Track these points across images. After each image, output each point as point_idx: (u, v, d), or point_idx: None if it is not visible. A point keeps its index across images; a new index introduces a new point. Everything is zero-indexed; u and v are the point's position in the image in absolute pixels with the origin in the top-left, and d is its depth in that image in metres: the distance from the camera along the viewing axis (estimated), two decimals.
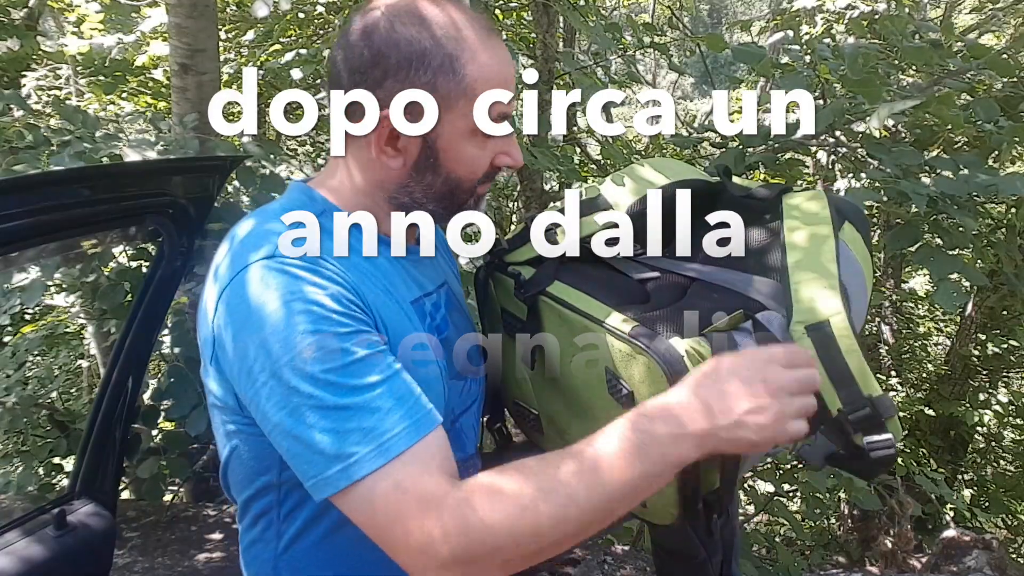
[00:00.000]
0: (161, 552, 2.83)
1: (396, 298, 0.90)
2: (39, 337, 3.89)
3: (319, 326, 0.76)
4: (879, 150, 2.05)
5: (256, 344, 0.77)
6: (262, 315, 0.77)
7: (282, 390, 0.76)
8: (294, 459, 0.78)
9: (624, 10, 8.24)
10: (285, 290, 0.77)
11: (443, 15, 0.85)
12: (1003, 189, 1.76)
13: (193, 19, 2.32)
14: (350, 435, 0.74)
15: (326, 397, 0.75)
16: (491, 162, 0.90)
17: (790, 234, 0.97)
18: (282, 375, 0.75)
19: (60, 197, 1.19)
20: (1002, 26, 5.08)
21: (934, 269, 1.79)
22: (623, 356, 0.84)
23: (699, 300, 0.92)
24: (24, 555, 1.35)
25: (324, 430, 0.75)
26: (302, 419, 0.75)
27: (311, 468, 0.76)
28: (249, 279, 0.79)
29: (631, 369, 0.84)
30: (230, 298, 0.80)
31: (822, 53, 2.21)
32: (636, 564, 2.95)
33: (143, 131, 3.48)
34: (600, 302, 0.91)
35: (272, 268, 0.79)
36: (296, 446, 0.76)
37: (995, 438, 5.74)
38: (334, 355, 0.75)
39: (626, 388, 0.84)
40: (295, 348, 0.75)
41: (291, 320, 0.76)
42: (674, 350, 0.81)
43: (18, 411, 3.14)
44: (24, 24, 4.04)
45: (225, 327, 0.80)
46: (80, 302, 3.20)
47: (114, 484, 1.58)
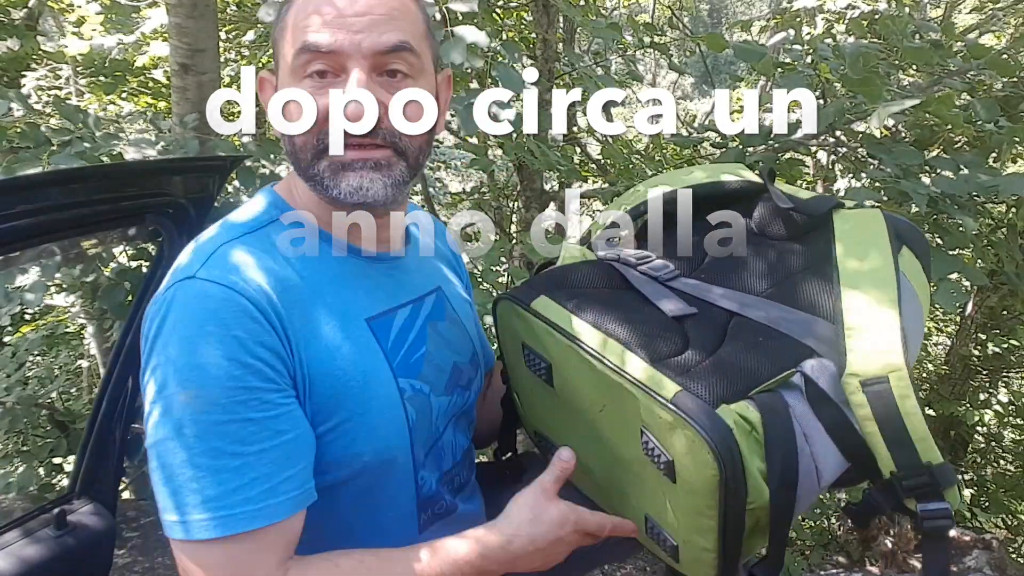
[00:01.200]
0: (161, 552, 2.83)
1: (345, 318, 0.83)
2: (39, 337, 3.89)
3: (207, 372, 0.71)
4: (879, 150, 2.05)
5: (154, 363, 0.74)
6: (162, 340, 0.74)
7: (157, 419, 0.73)
8: (153, 483, 0.75)
9: (624, 10, 8.24)
10: (189, 320, 0.73)
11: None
12: (1003, 189, 1.76)
13: (193, 19, 2.31)
14: (192, 495, 0.71)
15: (185, 447, 0.71)
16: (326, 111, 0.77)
17: (843, 262, 0.86)
18: (158, 404, 0.73)
19: (60, 197, 1.19)
20: (1002, 26, 5.07)
21: (934, 269, 1.79)
22: (665, 424, 0.75)
23: (742, 347, 0.82)
24: (24, 555, 1.35)
25: (172, 478, 0.72)
26: (161, 455, 0.73)
27: (159, 499, 0.74)
28: (165, 299, 0.76)
29: (673, 439, 0.75)
30: (149, 313, 0.77)
31: (823, 53, 2.21)
32: (636, 564, 2.95)
33: (143, 131, 3.48)
34: (635, 353, 0.79)
35: (186, 291, 0.75)
36: (152, 476, 0.74)
37: (995, 438, 5.73)
38: (208, 409, 0.71)
39: (667, 456, 0.76)
40: (178, 386, 0.71)
41: (185, 356, 0.72)
42: (721, 423, 0.72)
43: (18, 411, 3.14)
44: (24, 24, 4.04)
45: (147, 330, 0.77)
46: (80, 302, 3.20)
47: (114, 484, 1.58)
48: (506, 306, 0.93)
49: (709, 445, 0.71)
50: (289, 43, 0.79)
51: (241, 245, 0.80)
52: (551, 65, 3.63)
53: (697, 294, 0.92)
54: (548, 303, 0.88)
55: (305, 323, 0.79)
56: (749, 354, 0.81)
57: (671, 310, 0.88)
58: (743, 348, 0.82)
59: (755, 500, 0.73)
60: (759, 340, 0.83)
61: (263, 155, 2.38)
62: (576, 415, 0.89)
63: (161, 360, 0.73)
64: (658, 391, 0.76)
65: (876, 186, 2.02)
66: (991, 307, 4.84)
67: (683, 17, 8.37)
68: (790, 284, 0.90)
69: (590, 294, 0.91)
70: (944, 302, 1.75)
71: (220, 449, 0.71)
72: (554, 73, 3.69)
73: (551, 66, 3.63)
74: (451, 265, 1.13)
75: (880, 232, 0.88)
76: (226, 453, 0.72)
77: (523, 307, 0.89)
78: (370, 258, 0.90)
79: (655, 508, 0.84)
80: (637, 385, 0.77)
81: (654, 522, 0.86)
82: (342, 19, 0.77)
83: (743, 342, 0.83)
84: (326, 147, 0.79)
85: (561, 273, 0.94)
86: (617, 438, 0.85)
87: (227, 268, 0.77)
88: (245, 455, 0.72)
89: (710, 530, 0.77)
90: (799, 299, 0.87)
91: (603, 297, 0.90)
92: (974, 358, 5.17)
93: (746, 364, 0.79)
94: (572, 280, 0.93)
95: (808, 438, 0.75)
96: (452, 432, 1.00)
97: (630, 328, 0.83)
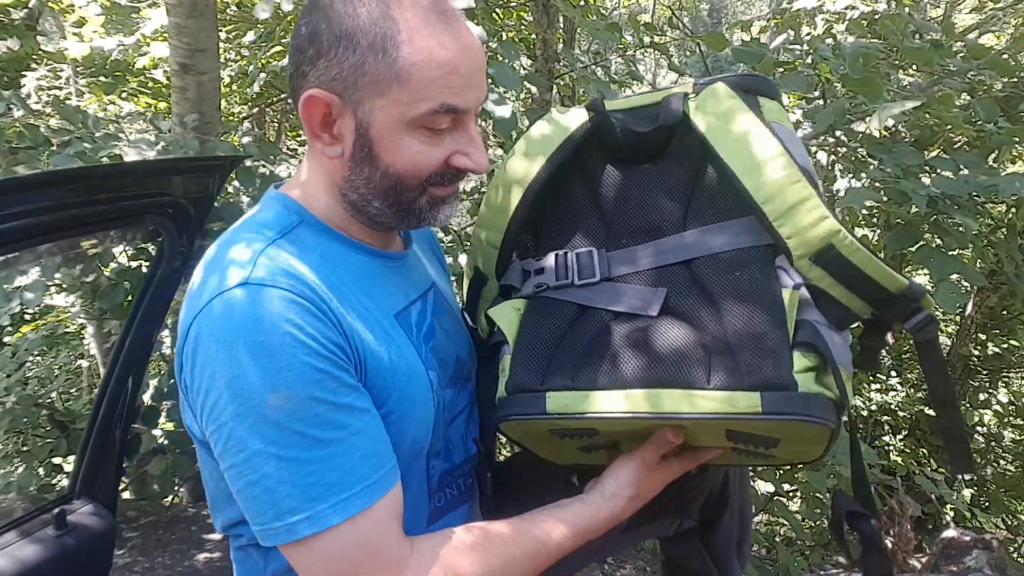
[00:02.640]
0: (161, 552, 2.83)
1: (379, 314, 0.86)
2: (39, 337, 3.89)
3: (290, 371, 0.72)
4: (879, 150, 2.05)
5: (222, 382, 0.72)
6: (230, 352, 0.72)
7: (242, 434, 0.72)
8: (245, 502, 0.75)
9: (624, 10, 8.24)
10: (255, 325, 0.72)
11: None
12: (1003, 189, 1.76)
13: (193, 19, 2.31)
14: (309, 489, 0.72)
15: (289, 448, 0.72)
16: (446, 161, 0.82)
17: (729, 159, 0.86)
18: (244, 418, 0.72)
19: (60, 197, 1.19)
20: (1002, 26, 5.07)
21: (934, 269, 1.79)
22: (762, 427, 0.81)
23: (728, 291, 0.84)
24: (24, 555, 1.35)
25: (282, 481, 0.72)
26: (260, 466, 0.72)
27: (262, 516, 0.73)
28: (220, 310, 0.74)
29: (777, 428, 0.80)
30: (200, 328, 0.75)
31: (823, 53, 2.21)
32: (636, 564, 2.95)
33: (143, 131, 3.48)
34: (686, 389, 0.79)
35: (244, 296, 0.74)
36: (251, 490, 0.73)
37: (995, 438, 5.73)
38: (303, 404, 0.72)
39: (770, 440, 0.83)
40: (262, 393, 0.71)
41: (259, 362, 0.71)
42: (812, 400, 0.76)
43: (18, 411, 3.14)
44: (24, 24, 4.04)
45: (193, 356, 0.75)
46: (80, 302, 3.20)
47: (114, 484, 1.58)
48: (516, 425, 0.90)
49: (817, 424, 0.75)
50: (416, 94, 0.76)
51: (279, 248, 0.80)
52: (551, 65, 3.63)
53: (642, 267, 0.91)
54: (560, 397, 0.84)
55: (352, 319, 0.81)
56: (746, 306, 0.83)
57: (651, 309, 0.87)
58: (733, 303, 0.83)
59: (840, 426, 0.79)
60: (736, 274, 0.85)
61: (263, 156, 2.38)
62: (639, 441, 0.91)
63: (236, 372, 0.71)
64: (742, 412, 0.76)
65: (876, 186, 2.02)
66: (991, 307, 4.84)
67: (683, 17, 8.38)
68: (699, 199, 0.91)
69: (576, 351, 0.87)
70: (944, 303, 1.75)
71: (326, 438, 0.73)
72: (554, 73, 3.68)
73: (551, 66, 3.63)
74: (435, 253, 1.15)
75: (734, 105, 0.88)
76: (332, 441, 0.73)
77: (541, 417, 0.85)
78: (384, 257, 0.93)
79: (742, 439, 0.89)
80: (714, 417, 0.78)
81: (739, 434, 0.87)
82: (472, 77, 0.79)
83: (724, 289, 0.85)
84: (427, 188, 0.84)
85: (522, 354, 0.89)
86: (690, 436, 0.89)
87: (276, 271, 0.77)
88: (349, 438, 0.74)
89: (817, 451, 0.86)
90: (719, 207, 0.89)
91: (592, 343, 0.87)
92: (974, 358, 5.17)
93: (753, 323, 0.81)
94: (539, 350, 0.89)
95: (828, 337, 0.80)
96: (461, 426, 1.02)
97: (651, 363, 0.82)
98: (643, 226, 0.94)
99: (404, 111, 0.77)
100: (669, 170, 0.94)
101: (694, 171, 0.93)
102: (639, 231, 0.94)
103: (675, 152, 0.94)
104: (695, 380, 0.79)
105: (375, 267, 0.90)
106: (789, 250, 0.82)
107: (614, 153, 0.97)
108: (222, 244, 0.83)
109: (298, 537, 0.73)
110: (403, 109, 0.77)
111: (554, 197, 0.99)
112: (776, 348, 0.78)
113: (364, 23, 0.75)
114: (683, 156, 0.94)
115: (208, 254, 0.83)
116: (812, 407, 0.75)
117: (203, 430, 0.78)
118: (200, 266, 0.82)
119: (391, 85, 0.76)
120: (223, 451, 0.75)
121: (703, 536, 1.21)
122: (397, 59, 0.75)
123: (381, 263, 0.92)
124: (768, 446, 0.84)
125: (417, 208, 0.85)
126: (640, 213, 0.94)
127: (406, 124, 0.78)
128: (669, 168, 0.94)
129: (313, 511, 0.72)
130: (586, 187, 0.99)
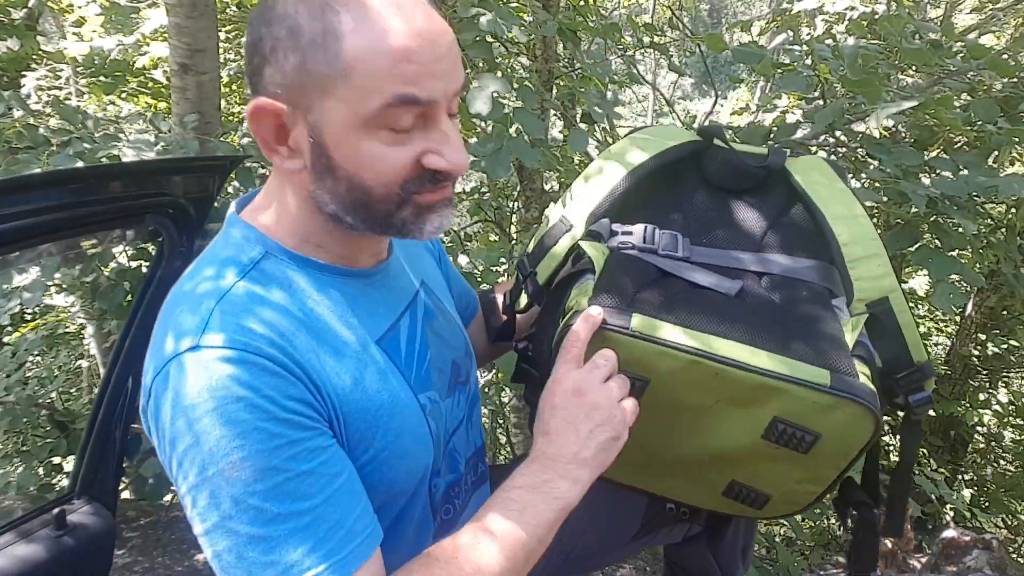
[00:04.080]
0: (161, 552, 2.83)
1: (357, 346, 0.79)
2: (39, 337, 3.89)
3: (246, 439, 0.66)
4: (879, 150, 2.05)
5: (181, 449, 0.68)
6: (185, 421, 0.67)
7: (204, 504, 0.68)
8: (219, 570, 0.70)
9: (624, 10, 8.24)
10: (209, 394, 0.66)
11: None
12: (1003, 190, 1.76)
13: (193, 19, 2.32)
14: (272, 567, 0.67)
15: (249, 523, 0.67)
16: (417, 162, 0.72)
17: (823, 207, 0.98)
18: (203, 489, 0.67)
19: (60, 197, 1.19)
20: (1002, 26, 5.08)
21: (933, 270, 1.79)
22: (819, 407, 0.82)
23: (794, 305, 0.92)
24: (24, 555, 1.35)
25: (243, 557, 0.67)
26: (223, 539, 0.68)
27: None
28: (174, 376, 0.69)
29: (829, 418, 0.83)
30: (157, 392, 0.70)
31: (822, 53, 2.21)
32: (636, 564, 2.95)
33: (143, 131, 3.48)
34: (763, 349, 0.83)
35: (196, 365, 0.68)
36: (217, 563, 0.69)
37: (995, 438, 5.73)
38: (259, 475, 0.66)
39: (811, 435, 0.84)
40: (217, 463, 0.66)
41: (215, 430, 0.66)
42: (873, 393, 0.82)
43: (18, 411, 3.14)
44: (24, 24, 4.04)
45: (156, 419, 0.71)
46: (80, 302, 3.20)
47: (114, 484, 1.58)
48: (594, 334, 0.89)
49: (874, 414, 0.81)
50: (365, 89, 0.68)
51: (239, 292, 0.73)
52: (551, 65, 3.63)
53: (720, 262, 0.98)
54: (645, 320, 0.85)
55: (324, 362, 0.75)
56: (809, 317, 0.89)
57: (727, 289, 0.93)
58: (795, 306, 0.91)
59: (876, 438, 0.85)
60: (804, 295, 0.93)
61: (262, 156, 2.38)
62: (661, 417, 0.90)
63: (191, 441, 0.67)
64: (814, 380, 0.81)
65: (876, 186, 2.02)
66: (991, 307, 4.84)
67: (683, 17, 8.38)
68: (779, 231, 1.01)
69: (660, 295, 0.91)
70: (942, 303, 1.75)
71: (287, 512, 0.67)
72: (554, 73, 3.68)
73: (551, 66, 3.63)
74: (423, 254, 1.08)
75: (829, 171, 1.03)
76: (294, 513, 0.68)
77: (623, 333, 0.85)
78: (364, 276, 0.85)
79: (747, 475, 0.92)
80: (787, 380, 0.82)
81: (741, 485, 0.93)
82: (435, 64, 0.69)
83: (790, 301, 0.92)
84: (409, 196, 0.74)
85: (609, 279, 0.92)
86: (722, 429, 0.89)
87: (232, 327, 0.70)
88: (313, 509, 0.69)
89: (828, 478, 0.90)
90: (795, 243, 1.00)
91: (673, 295, 0.91)
92: (974, 358, 5.17)
93: (819, 325, 0.88)
94: (626, 284, 0.91)
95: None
96: (463, 435, 0.99)
97: (734, 324, 0.86)
98: (722, 238, 1.02)
99: (355, 109, 0.68)
100: (756, 204, 1.05)
101: (779, 209, 1.04)
102: (718, 239, 1.02)
103: (766, 191, 1.06)
104: (770, 347, 0.84)
105: (353, 291, 0.83)
106: (853, 291, 0.92)
107: (708, 177, 1.08)
108: (175, 295, 0.77)
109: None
110: (353, 108, 0.68)
111: (646, 194, 1.05)
112: (842, 347, 0.85)
113: (304, 19, 0.67)
114: (772, 196, 1.05)
115: (168, 299, 0.77)
116: (871, 398, 0.81)
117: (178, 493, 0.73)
118: (160, 315, 0.76)
119: (336, 82, 0.67)
120: (191, 517, 0.71)
121: (710, 541, 1.21)
122: (340, 53, 0.67)
123: (361, 284, 0.84)
124: (801, 448, 0.85)
125: (399, 220, 0.76)
126: (720, 229, 1.03)
127: (362, 125, 0.69)
128: (756, 202, 1.05)
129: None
130: (672, 199, 1.07)
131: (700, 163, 1.08)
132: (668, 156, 1.05)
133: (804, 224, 1.01)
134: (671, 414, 0.90)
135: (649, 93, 13.45)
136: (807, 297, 0.93)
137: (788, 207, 1.03)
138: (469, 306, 1.20)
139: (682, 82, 20.69)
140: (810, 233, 0.99)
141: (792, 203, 1.03)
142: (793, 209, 1.03)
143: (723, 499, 0.97)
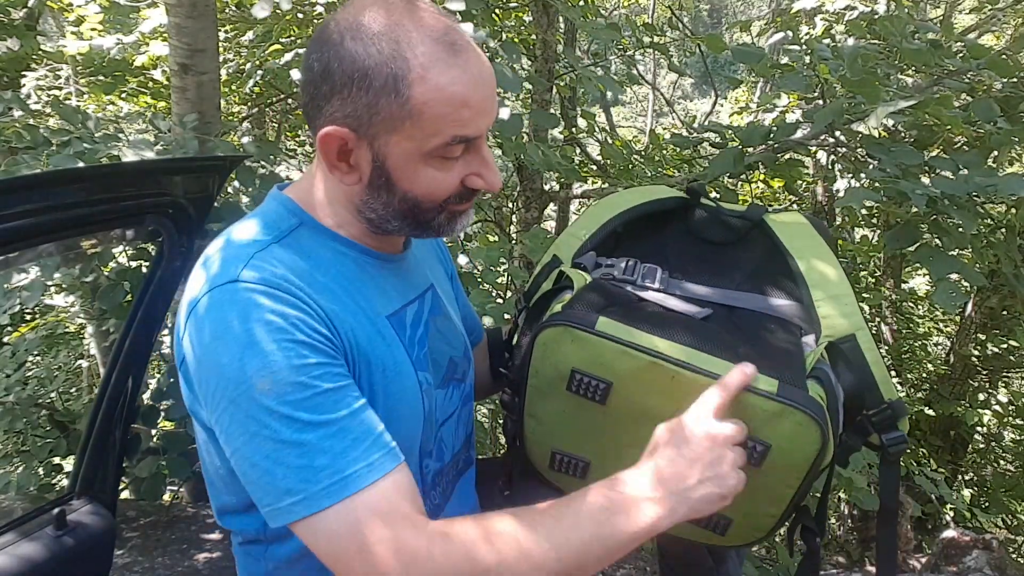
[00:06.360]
0: (161, 552, 2.83)
1: (371, 315, 0.88)
2: (39, 337, 3.90)
3: (275, 357, 0.75)
4: (879, 150, 2.06)
5: (216, 370, 0.76)
6: (222, 342, 0.76)
7: (240, 417, 0.75)
8: (250, 485, 0.78)
9: (624, 10, 8.24)
10: (244, 317, 0.76)
11: (396, 30, 0.78)
12: (1003, 189, 1.76)
13: (193, 19, 2.32)
14: (302, 471, 0.74)
15: (282, 430, 0.74)
16: (461, 183, 0.86)
17: (796, 253, 1.04)
18: (239, 403, 0.75)
19: (60, 197, 1.19)
20: (1002, 26, 5.08)
21: (933, 269, 1.79)
22: (767, 415, 0.84)
23: (759, 333, 0.96)
24: (24, 555, 1.35)
25: (278, 462, 0.74)
26: (259, 448, 0.75)
27: (266, 496, 0.76)
28: (211, 304, 0.78)
29: (776, 427, 0.84)
30: (194, 321, 0.79)
31: (821, 53, 2.21)
32: (636, 564, 2.95)
33: (143, 131, 3.48)
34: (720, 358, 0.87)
35: (233, 293, 0.78)
36: (253, 473, 0.76)
37: (995, 438, 5.74)
38: (290, 389, 0.74)
39: (762, 445, 0.85)
40: (250, 378, 0.74)
41: (248, 349, 0.75)
42: (818, 404, 0.84)
43: (18, 411, 3.14)
44: (24, 24, 4.04)
45: (191, 349, 0.80)
46: (80, 302, 3.20)
47: (114, 484, 1.58)
48: (560, 332, 0.92)
49: (819, 424, 0.83)
50: (429, 127, 0.80)
51: (273, 251, 0.84)
52: (551, 66, 3.63)
53: (694, 295, 1.05)
54: (610, 323, 0.90)
55: (343, 318, 0.84)
56: (768, 337, 0.95)
57: (696, 313, 0.99)
58: (761, 334, 0.96)
59: (827, 458, 0.87)
60: (771, 327, 0.97)
61: (263, 156, 2.38)
62: (629, 428, 0.91)
63: (224, 361, 0.75)
64: (762, 387, 0.84)
65: (876, 186, 2.02)
66: (991, 307, 4.84)
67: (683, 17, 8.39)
68: (757, 275, 1.09)
69: (631, 310, 0.95)
70: (943, 302, 1.75)
71: (314, 422, 0.75)
72: (554, 74, 3.69)
73: (551, 67, 3.63)
74: (437, 256, 1.17)
75: (805, 223, 1.10)
76: (321, 424, 0.75)
77: (587, 331, 0.89)
78: (382, 258, 0.95)
79: None
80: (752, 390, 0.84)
81: None
82: (483, 104, 0.82)
83: (757, 329, 0.97)
84: (447, 207, 0.88)
85: (586, 293, 0.97)
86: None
87: (266, 271, 0.80)
88: (338, 421, 0.76)
89: (785, 498, 0.90)
90: (772, 285, 1.06)
91: (644, 312, 0.96)
92: (974, 358, 5.17)
93: (780, 346, 0.93)
94: (600, 300, 0.96)
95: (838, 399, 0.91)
96: (452, 425, 1.04)
97: (694, 335, 0.90)
98: (700, 278, 1.09)
99: (419, 145, 0.81)
100: (736, 252, 1.13)
101: (758, 256, 1.10)
102: (695, 277, 1.09)
103: (746, 243, 1.13)
104: (727, 356, 0.88)
105: (372, 268, 0.93)
106: (820, 329, 0.95)
107: (692, 228, 1.16)
108: (222, 244, 0.86)
109: (296, 518, 0.75)
110: (417, 144, 0.81)
111: (632, 237, 1.16)
112: (798, 367, 0.89)
113: (376, 63, 0.78)
114: (752, 245, 1.12)
115: (209, 249, 0.86)
116: (817, 410, 0.83)
117: (208, 418, 0.81)
118: (200, 260, 0.85)
119: (404, 123, 0.79)
120: (226, 438, 0.78)
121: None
122: (409, 99, 0.78)
123: (379, 264, 0.94)
124: (753, 460, 0.86)
125: (436, 224, 0.90)
126: (700, 270, 1.10)
127: (421, 156, 0.82)
128: (734, 251, 1.13)
129: (308, 492, 0.74)
130: (658, 243, 1.15)
131: (686, 216, 1.17)
132: (655, 206, 1.16)
133: (781, 270, 1.06)
134: (638, 424, 0.90)
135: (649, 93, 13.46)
136: (774, 328, 0.98)
137: (766, 255, 1.10)
138: (473, 332, 1.24)
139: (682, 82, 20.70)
140: (786, 277, 1.05)
141: (770, 252, 1.09)
142: (771, 257, 1.09)
143: (686, 523, 0.90)
